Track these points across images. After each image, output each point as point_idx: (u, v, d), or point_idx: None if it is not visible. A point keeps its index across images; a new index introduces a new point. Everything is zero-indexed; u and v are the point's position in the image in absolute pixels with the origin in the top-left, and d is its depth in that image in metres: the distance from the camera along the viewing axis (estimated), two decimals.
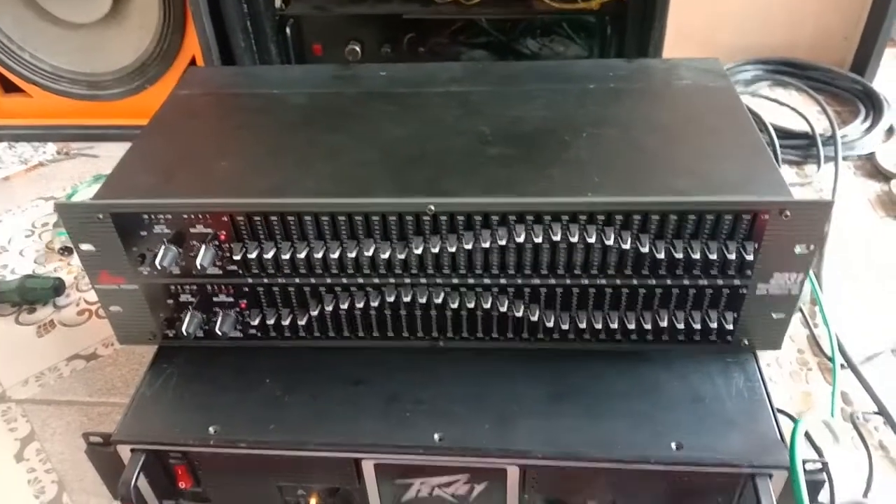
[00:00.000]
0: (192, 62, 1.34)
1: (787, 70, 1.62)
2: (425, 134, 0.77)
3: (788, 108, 1.47)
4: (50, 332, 1.04)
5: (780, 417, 0.71)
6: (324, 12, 1.41)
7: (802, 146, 1.37)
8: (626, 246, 0.67)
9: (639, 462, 0.67)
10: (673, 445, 0.67)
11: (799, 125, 1.40)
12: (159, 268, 0.69)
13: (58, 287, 1.07)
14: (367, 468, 0.71)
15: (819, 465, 0.66)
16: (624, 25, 1.32)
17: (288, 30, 1.40)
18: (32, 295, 1.06)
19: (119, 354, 0.99)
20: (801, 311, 1.03)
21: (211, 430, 0.71)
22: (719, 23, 1.62)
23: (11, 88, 1.46)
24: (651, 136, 0.75)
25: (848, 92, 1.54)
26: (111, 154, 1.41)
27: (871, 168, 1.35)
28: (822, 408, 0.90)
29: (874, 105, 1.47)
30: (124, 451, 0.72)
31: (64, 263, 1.16)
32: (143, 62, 1.35)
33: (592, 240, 0.66)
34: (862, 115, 1.45)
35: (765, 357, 0.96)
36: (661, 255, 0.67)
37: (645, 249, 0.67)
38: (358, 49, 1.41)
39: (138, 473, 0.70)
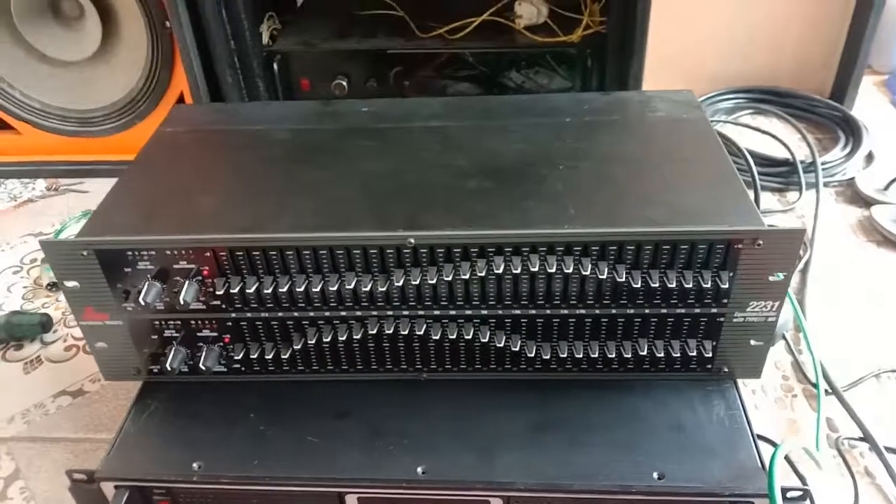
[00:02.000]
0: (181, 98, 1.36)
1: (768, 98, 1.65)
2: (405, 168, 0.79)
3: (769, 136, 1.49)
4: (37, 369, 1.04)
5: (762, 444, 0.72)
6: (310, 48, 1.44)
7: (784, 173, 1.39)
8: (603, 276, 0.68)
9: (621, 492, 0.67)
10: (655, 475, 0.68)
11: (780, 153, 1.42)
12: (143, 304, 0.70)
13: (45, 323, 1.07)
14: (351, 502, 0.71)
15: (800, 493, 0.66)
16: (604, 58, 1.34)
17: (275, 65, 1.42)
18: (19, 331, 1.06)
19: (106, 390, 0.99)
20: (784, 338, 1.03)
21: (195, 465, 0.71)
22: (701, 51, 1.65)
23: (0, 125, 1.47)
24: (626, 168, 0.76)
25: (828, 119, 1.57)
26: (101, 189, 1.39)
27: (852, 194, 1.36)
28: (808, 434, 0.91)
29: (853, 132, 1.49)
30: (108, 488, 0.72)
31: (52, 299, 1.16)
32: (132, 98, 1.37)
33: (570, 270, 0.67)
34: (842, 141, 1.47)
35: (750, 384, 0.97)
36: (638, 285, 0.68)
37: (621, 279, 0.68)
38: (345, 83, 1.44)
39: None
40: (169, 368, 0.75)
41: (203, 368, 0.76)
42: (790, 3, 1.60)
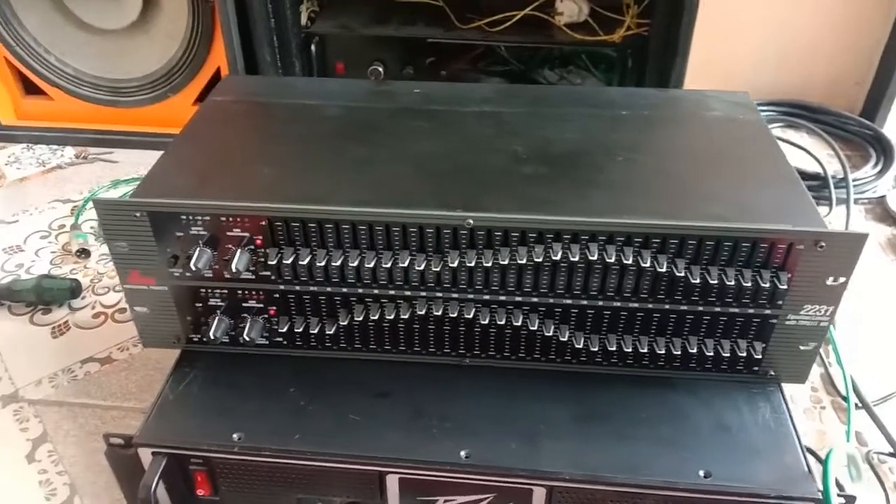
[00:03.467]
0: (217, 74, 1.35)
1: (799, 112, 1.64)
2: (460, 150, 0.78)
3: (801, 150, 1.49)
4: (65, 334, 1.03)
5: None
6: (348, 31, 1.43)
7: (814, 187, 1.39)
8: (662, 269, 0.67)
9: (667, 489, 0.66)
10: (701, 473, 0.67)
11: (811, 167, 1.42)
12: (193, 269, 0.69)
13: (74, 289, 1.06)
14: (392, 483, 0.70)
15: (844, 500, 0.66)
16: (644, 59, 1.34)
17: (313, 47, 1.41)
18: (49, 295, 1.05)
19: (134, 359, 0.98)
20: None
21: (235, 436, 0.70)
22: (734, 61, 1.65)
23: (33, 90, 1.47)
24: (686, 164, 0.76)
25: (858, 137, 1.57)
26: (130, 160, 1.40)
27: (882, 212, 1.36)
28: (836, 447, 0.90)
29: (885, 150, 1.49)
30: (145, 455, 0.71)
31: (80, 266, 1.15)
32: (167, 71, 1.36)
33: (629, 262, 0.67)
34: (873, 159, 1.47)
35: None
36: (696, 281, 0.67)
37: (680, 274, 0.67)
38: (381, 69, 1.43)
39: (159, 478, 0.69)
40: (212, 337, 0.74)
41: (247, 339, 0.75)
42: (825, 20, 1.60)
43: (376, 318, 0.73)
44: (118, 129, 1.45)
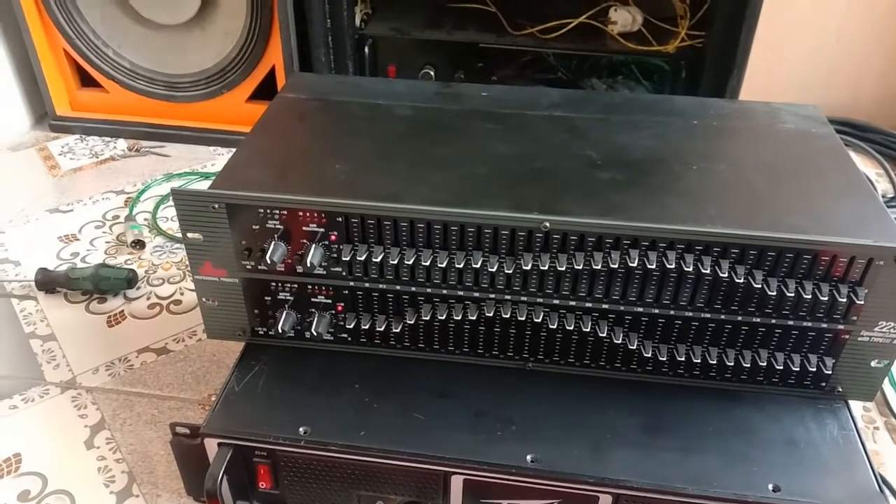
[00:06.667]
0: (272, 72, 1.36)
1: (847, 130, 1.63)
2: (534, 154, 0.78)
3: None
4: (120, 323, 1.04)
5: None
6: (401, 35, 1.44)
7: None
8: (740, 280, 0.66)
9: (736, 501, 0.66)
10: (770, 487, 0.66)
11: None
12: (269, 262, 0.69)
13: (131, 279, 1.07)
14: (456, 483, 0.70)
15: None
16: (698, 70, 1.33)
17: (366, 49, 1.42)
18: (106, 284, 1.06)
19: (190, 351, 0.99)
20: None
21: (301, 430, 0.71)
22: (782, 77, 1.64)
23: (88, 82, 1.49)
24: (762, 175, 0.75)
25: None
26: (181, 155, 1.42)
27: None
28: (892, 468, 0.89)
29: None
30: (210, 445, 0.72)
31: (135, 257, 1.16)
32: (222, 68, 1.37)
33: (707, 271, 0.66)
34: None
35: None
36: (773, 293, 0.67)
37: (757, 285, 0.66)
38: (431, 73, 1.44)
39: (226, 468, 0.70)
40: (280, 331, 0.75)
41: (314, 334, 0.75)
42: (875, 38, 1.59)
43: (443, 318, 0.74)
44: (171, 123, 1.46)
